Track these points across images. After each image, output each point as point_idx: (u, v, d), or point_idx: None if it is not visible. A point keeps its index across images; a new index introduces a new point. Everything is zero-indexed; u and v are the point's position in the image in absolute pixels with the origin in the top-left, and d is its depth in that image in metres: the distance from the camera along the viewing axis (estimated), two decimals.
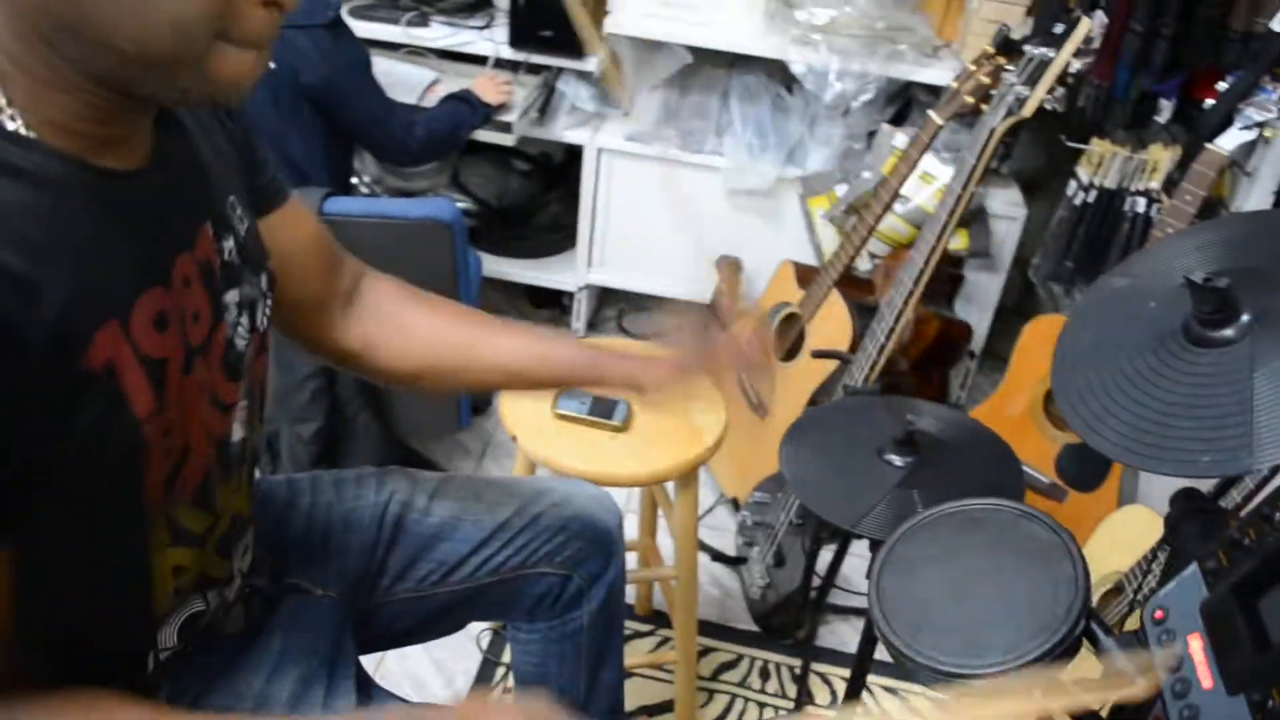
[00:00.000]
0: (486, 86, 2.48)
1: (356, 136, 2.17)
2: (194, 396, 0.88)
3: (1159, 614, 0.95)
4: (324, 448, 2.12)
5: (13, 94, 0.72)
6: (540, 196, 3.04)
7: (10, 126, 0.72)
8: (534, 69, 2.69)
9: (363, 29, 2.51)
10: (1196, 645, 0.85)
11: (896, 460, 1.42)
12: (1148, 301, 1.10)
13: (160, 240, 0.85)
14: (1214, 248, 1.07)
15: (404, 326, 1.19)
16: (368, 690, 1.13)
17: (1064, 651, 1.01)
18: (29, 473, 0.73)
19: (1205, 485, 1.28)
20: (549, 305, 3.18)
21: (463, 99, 2.39)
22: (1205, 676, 0.82)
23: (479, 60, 2.66)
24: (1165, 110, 2.19)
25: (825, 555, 2.02)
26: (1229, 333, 0.95)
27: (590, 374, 1.23)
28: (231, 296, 0.93)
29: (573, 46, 2.57)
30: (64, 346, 0.73)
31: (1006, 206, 2.63)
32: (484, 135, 2.54)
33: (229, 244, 0.93)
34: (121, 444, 0.80)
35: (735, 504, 2.41)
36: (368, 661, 1.20)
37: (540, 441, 1.61)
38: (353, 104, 2.09)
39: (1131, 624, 1.63)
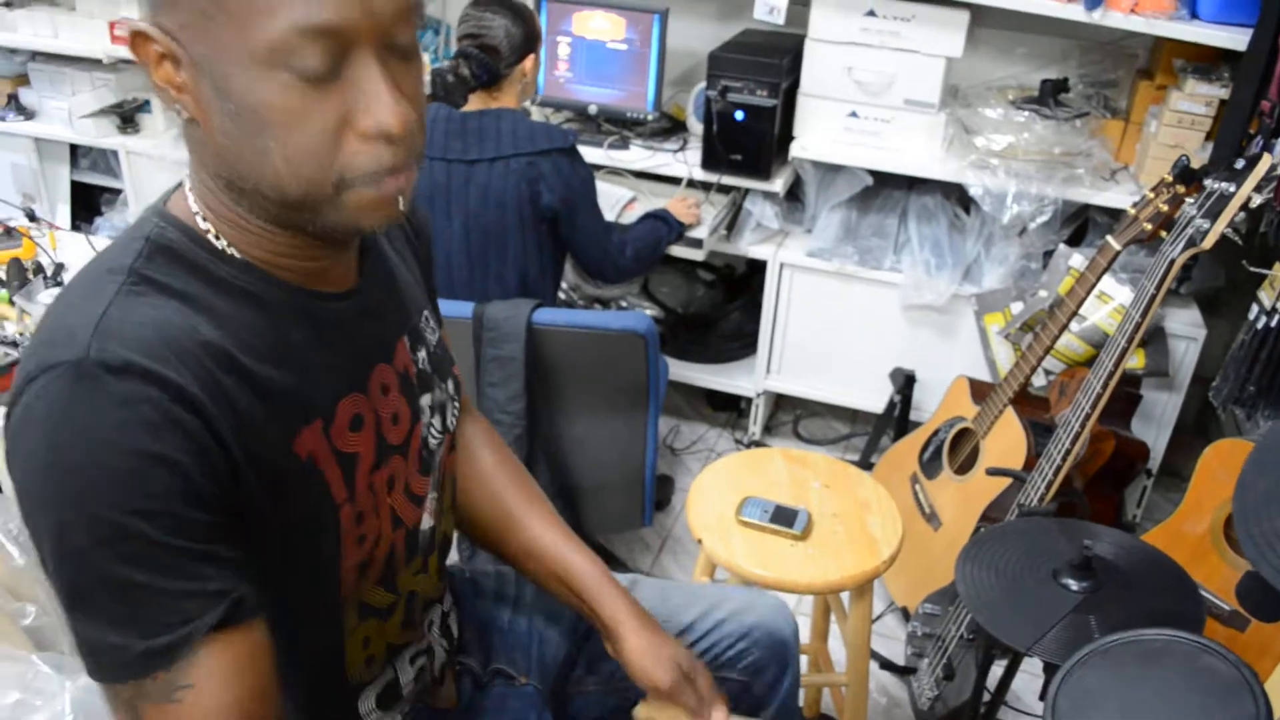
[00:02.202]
0: (679, 207, 2.59)
1: (576, 253, 2.28)
2: (383, 489, 0.96)
3: None
4: None
5: (228, 234, 0.85)
6: (723, 306, 3.12)
7: (236, 256, 0.85)
8: (723, 189, 2.79)
9: None
10: None
11: (1073, 584, 1.40)
12: None
13: (362, 353, 0.95)
14: None
15: (475, 470, 1.24)
16: None
17: None
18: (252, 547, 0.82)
19: None
20: (726, 408, 3.24)
21: (660, 218, 2.50)
22: None
23: (673, 180, 2.77)
24: None
25: (995, 670, 1.98)
26: None
27: (595, 615, 1.18)
28: (426, 400, 1.03)
29: (759, 169, 2.66)
30: (279, 434, 0.84)
31: (1185, 327, 2.56)
32: (676, 250, 2.64)
33: (422, 354, 1.04)
34: (321, 525, 0.90)
35: (905, 613, 2.39)
36: None
37: (723, 545, 1.65)
38: (581, 223, 2.21)
39: None
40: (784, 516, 1.68)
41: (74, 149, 3.78)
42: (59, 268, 2.15)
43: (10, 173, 3.78)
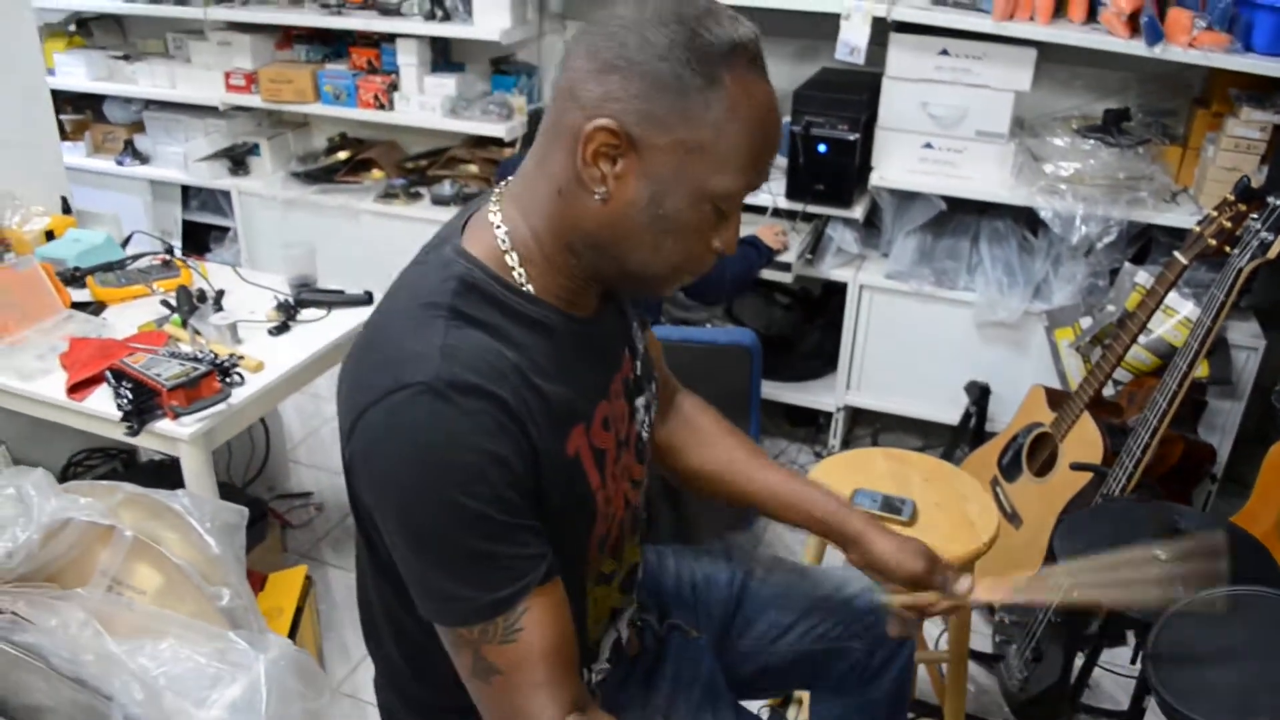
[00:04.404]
0: (768, 234, 2.80)
1: None
2: (620, 477, 1.18)
3: None
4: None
5: (532, 271, 1.06)
6: (801, 326, 3.32)
7: (528, 290, 1.05)
8: (806, 217, 3.00)
9: None
10: None
11: (1163, 555, 1.58)
12: None
13: (607, 364, 1.17)
14: None
15: (704, 436, 1.45)
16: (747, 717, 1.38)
17: None
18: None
19: None
20: (805, 424, 3.42)
21: (752, 244, 2.72)
22: None
23: (758, 209, 2.99)
24: None
25: (1078, 662, 2.16)
26: None
27: (840, 532, 1.34)
28: (640, 401, 1.24)
29: (841, 198, 2.88)
30: (555, 438, 1.04)
31: (1246, 338, 2.73)
32: (767, 274, 2.86)
33: (637, 362, 1.25)
34: (582, 510, 1.11)
35: (990, 608, 2.56)
36: None
37: None
38: None
39: None
40: (892, 505, 1.87)
41: (185, 190, 4.06)
42: (220, 294, 2.40)
43: (126, 213, 4.05)
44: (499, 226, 1.05)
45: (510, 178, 1.09)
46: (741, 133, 0.95)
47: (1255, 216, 2.01)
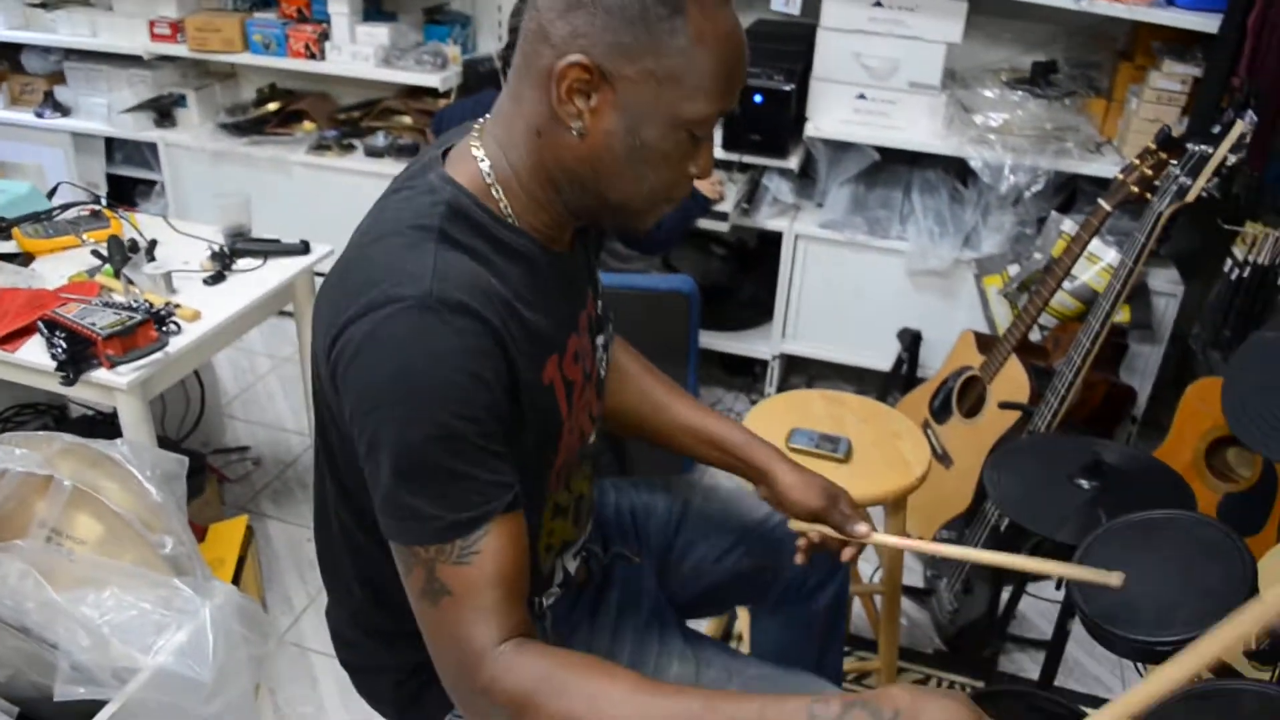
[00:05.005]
0: (704, 184, 2.84)
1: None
2: (582, 409, 1.21)
3: None
4: None
5: (515, 204, 1.08)
6: (737, 276, 3.37)
7: (513, 221, 1.08)
8: (742, 167, 3.05)
9: None
10: None
11: (1085, 484, 1.66)
12: None
13: (576, 300, 1.20)
14: None
15: (622, 374, 1.48)
16: (694, 640, 1.42)
17: None
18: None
19: None
20: (741, 373, 3.49)
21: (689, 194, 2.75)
22: None
23: None
24: None
25: (1005, 594, 2.26)
26: None
27: (749, 464, 1.42)
28: (601, 339, 1.28)
29: (776, 148, 2.92)
30: (534, 367, 1.07)
31: (1166, 284, 2.84)
32: (704, 224, 2.89)
33: (599, 300, 1.28)
34: (549, 438, 1.14)
35: None
36: None
37: None
38: None
39: None
40: (829, 443, 1.93)
41: (109, 143, 3.97)
42: (153, 244, 2.37)
43: (47, 167, 3.95)
44: (482, 160, 1.07)
45: (487, 116, 1.11)
46: (709, 58, 0.98)
47: (1175, 163, 2.10)
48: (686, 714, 0.95)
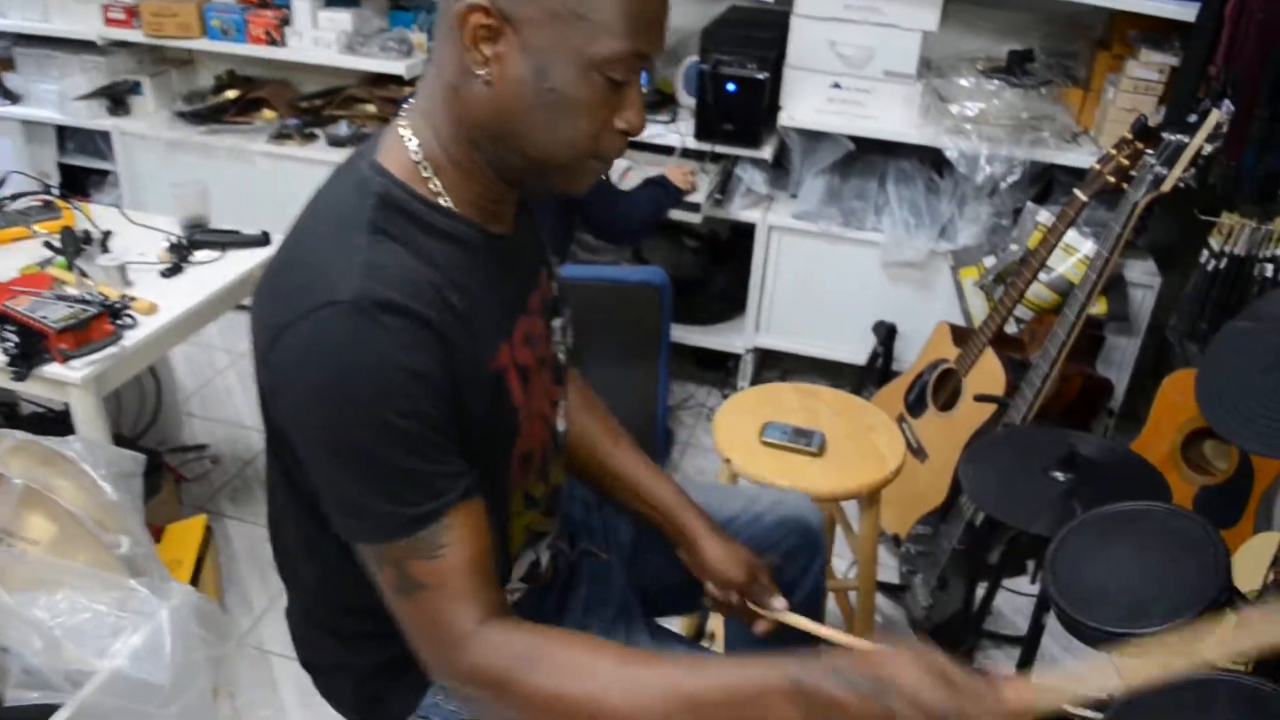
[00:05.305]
0: (676, 174, 2.84)
1: (587, 215, 2.52)
2: (540, 394, 1.21)
3: None
4: None
5: (446, 182, 1.07)
6: (709, 268, 3.37)
7: (445, 205, 1.07)
8: (715, 158, 3.05)
9: None
10: None
11: (1060, 476, 1.68)
12: (1269, 336, 1.36)
13: (523, 281, 1.20)
14: None
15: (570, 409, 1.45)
16: (662, 637, 1.43)
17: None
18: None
19: None
20: (713, 367, 3.49)
21: (660, 184, 2.75)
22: None
23: (665, 150, 3.02)
24: None
25: (980, 590, 2.27)
26: None
27: (679, 527, 1.41)
28: (557, 322, 1.28)
29: (749, 138, 2.92)
30: (477, 354, 1.07)
31: (1142, 276, 2.87)
32: (676, 215, 2.89)
33: (553, 284, 1.28)
34: (505, 425, 1.14)
35: (896, 540, 2.66)
36: None
37: (750, 462, 1.91)
38: (594, 188, 2.44)
39: None
40: (803, 436, 1.94)
41: (60, 131, 3.92)
42: (107, 235, 2.35)
43: None
44: (410, 140, 1.06)
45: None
46: None
47: (1151, 153, 2.11)
48: (669, 679, 0.98)
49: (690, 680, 0.98)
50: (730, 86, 2.84)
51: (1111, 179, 2.25)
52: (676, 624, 2.17)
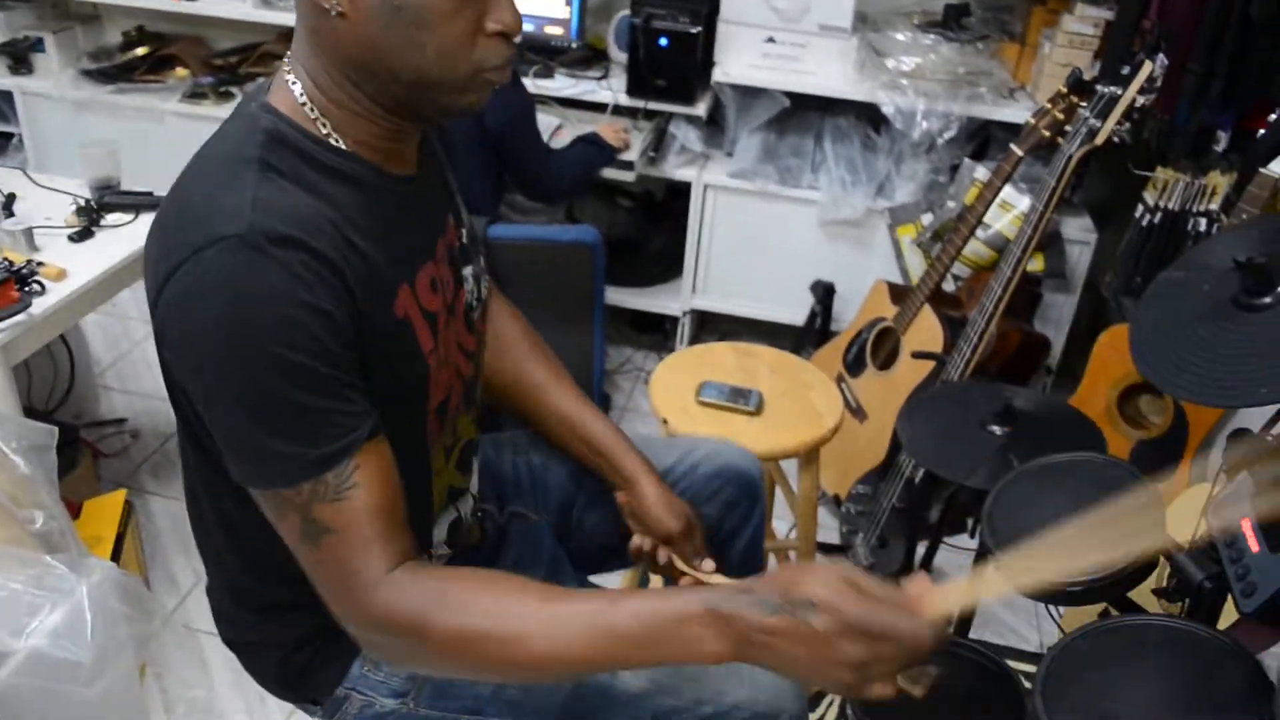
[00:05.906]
0: (609, 132, 2.84)
1: (516, 174, 2.52)
2: (451, 343, 1.21)
3: None
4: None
5: (334, 123, 1.06)
6: (644, 229, 3.38)
7: (337, 144, 1.06)
8: (648, 115, 3.05)
9: None
10: (1246, 525, 1.15)
11: (997, 430, 1.72)
12: (1201, 285, 1.40)
13: (429, 226, 1.19)
14: (1251, 241, 1.38)
15: (505, 344, 1.47)
16: None
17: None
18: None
19: (1255, 425, 1.56)
20: (650, 330, 3.51)
21: (592, 142, 2.75)
22: (1253, 544, 1.12)
23: (597, 107, 3.02)
24: (1222, 140, 2.48)
25: (920, 548, 2.32)
26: (1269, 300, 1.26)
27: (618, 469, 1.43)
28: (468, 271, 1.28)
29: (683, 94, 2.93)
30: (380, 299, 1.06)
31: (1079, 232, 2.94)
32: (608, 174, 2.90)
33: (463, 231, 1.28)
34: (415, 375, 1.14)
35: (837, 500, 2.71)
36: None
37: (687, 422, 1.93)
38: (523, 146, 2.44)
39: None
40: (740, 396, 1.97)
41: None
42: (11, 198, 2.30)
43: None
44: (294, 84, 1.06)
45: None
46: None
47: (1085, 106, 2.16)
48: (590, 613, 0.99)
49: (610, 613, 0.98)
50: (663, 41, 2.84)
51: (1047, 133, 2.30)
52: (615, 584, 2.20)
